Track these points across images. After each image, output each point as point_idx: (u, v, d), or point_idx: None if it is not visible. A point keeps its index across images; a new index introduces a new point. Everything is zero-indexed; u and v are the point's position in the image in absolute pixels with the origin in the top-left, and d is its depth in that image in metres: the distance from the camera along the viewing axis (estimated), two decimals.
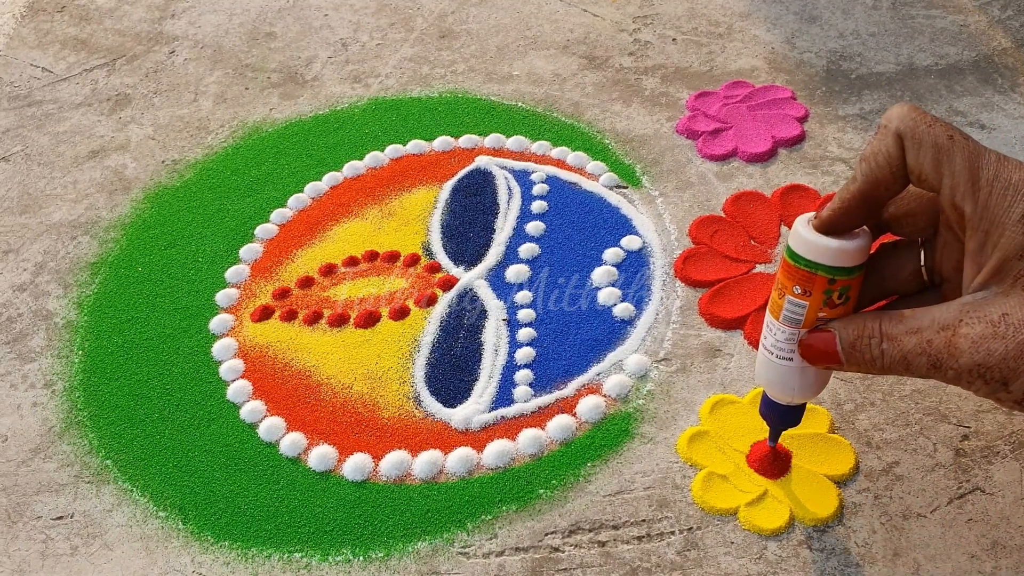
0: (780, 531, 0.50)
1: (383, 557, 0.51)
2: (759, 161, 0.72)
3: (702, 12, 0.89)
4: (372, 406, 0.59)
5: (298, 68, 0.86)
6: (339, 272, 0.67)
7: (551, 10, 0.91)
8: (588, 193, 0.71)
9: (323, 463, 0.56)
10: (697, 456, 0.54)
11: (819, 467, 0.53)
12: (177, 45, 0.91)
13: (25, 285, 0.68)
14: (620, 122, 0.77)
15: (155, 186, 0.76)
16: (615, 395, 0.58)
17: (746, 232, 0.67)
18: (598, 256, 0.66)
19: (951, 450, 0.53)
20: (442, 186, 0.73)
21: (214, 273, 0.68)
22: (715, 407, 0.56)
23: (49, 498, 0.56)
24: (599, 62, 0.84)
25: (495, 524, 0.52)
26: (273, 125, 0.80)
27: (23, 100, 0.85)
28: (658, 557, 0.50)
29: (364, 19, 0.92)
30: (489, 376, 0.60)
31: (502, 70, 0.84)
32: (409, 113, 0.80)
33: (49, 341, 0.65)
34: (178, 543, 0.53)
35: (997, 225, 0.38)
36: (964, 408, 0.55)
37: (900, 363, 0.40)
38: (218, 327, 0.64)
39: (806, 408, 0.48)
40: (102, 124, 0.82)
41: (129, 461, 0.57)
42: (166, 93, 0.85)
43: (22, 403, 0.61)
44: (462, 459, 0.55)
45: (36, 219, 0.74)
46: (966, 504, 0.51)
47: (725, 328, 0.61)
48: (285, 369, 0.61)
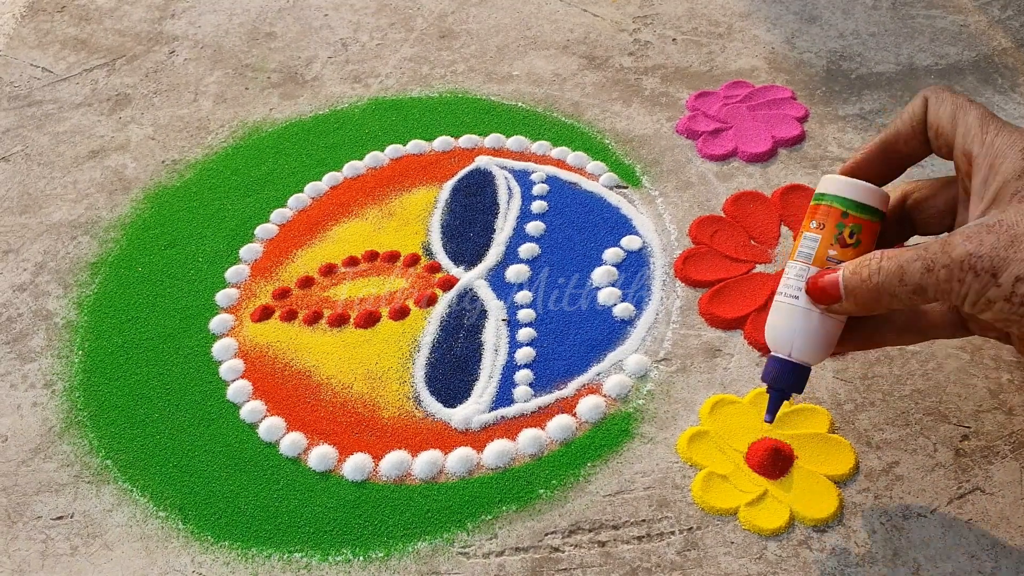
0: (780, 531, 0.50)
1: (383, 557, 0.51)
2: (759, 161, 0.72)
3: (702, 12, 0.89)
4: (372, 406, 0.59)
5: (298, 68, 0.86)
6: (339, 272, 0.67)
7: (551, 10, 0.91)
8: (588, 193, 0.71)
9: (323, 463, 0.56)
10: (697, 456, 0.54)
11: (819, 467, 0.53)
12: (177, 45, 0.91)
13: (25, 285, 0.68)
14: (620, 122, 0.77)
15: (155, 186, 0.76)
16: (615, 395, 0.58)
17: (746, 232, 0.67)
18: (598, 256, 0.66)
19: (951, 450, 0.53)
20: (442, 186, 0.73)
21: (214, 273, 0.68)
22: (715, 407, 0.56)
23: (49, 498, 0.56)
24: (599, 62, 0.84)
25: (495, 524, 0.52)
26: (273, 125, 0.80)
27: (23, 100, 0.85)
28: (658, 557, 0.50)
29: (364, 19, 0.92)
30: (489, 376, 0.60)
31: (502, 70, 0.84)
32: (409, 113, 0.80)
33: (49, 341, 0.65)
34: (178, 543, 0.53)
35: (999, 156, 0.41)
36: (964, 408, 0.55)
37: (895, 275, 0.41)
38: (218, 327, 0.64)
39: (807, 377, 0.48)
40: (102, 124, 0.82)
41: (129, 461, 0.57)
42: (166, 93, 0.85)
43: (22, 403, 0.61)
44: (462, 459, 0.55)
45: (36, 219, 0.74)
46: (966, 504, 0.51)
47: (725, 328, 0.61)
48: (285, 369, 0.61)
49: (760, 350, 0.59)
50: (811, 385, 0.57)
